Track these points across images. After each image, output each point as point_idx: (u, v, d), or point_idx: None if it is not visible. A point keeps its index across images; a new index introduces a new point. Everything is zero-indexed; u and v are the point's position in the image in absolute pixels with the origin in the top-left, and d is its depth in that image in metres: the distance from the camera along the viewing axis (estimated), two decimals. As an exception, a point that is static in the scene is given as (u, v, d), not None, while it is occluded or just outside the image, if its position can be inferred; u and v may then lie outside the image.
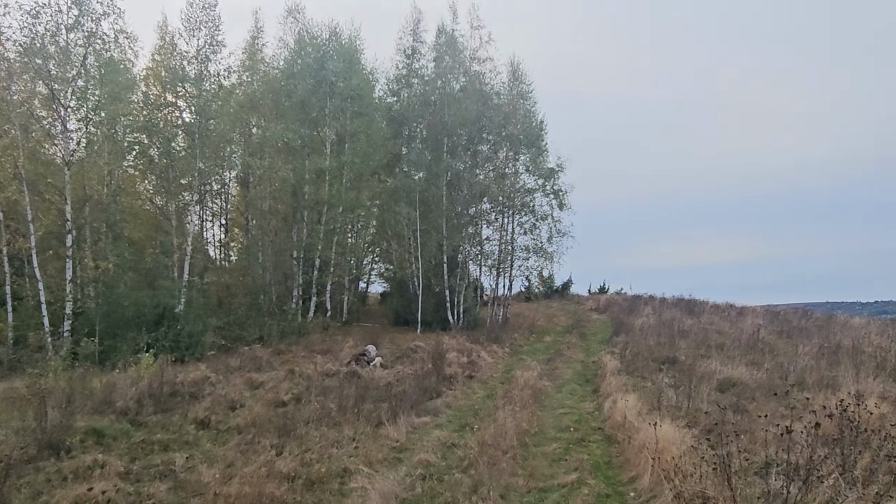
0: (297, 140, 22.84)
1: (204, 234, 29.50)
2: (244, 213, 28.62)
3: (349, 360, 16.01)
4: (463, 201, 25.32)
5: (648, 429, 8.08)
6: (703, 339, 17.73)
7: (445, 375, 14.20)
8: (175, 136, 20.83)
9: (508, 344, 20.29)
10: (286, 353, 18.95)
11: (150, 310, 17.92)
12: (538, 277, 34.63)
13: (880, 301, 72.38)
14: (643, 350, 16.11)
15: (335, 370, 14.86)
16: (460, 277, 25.30)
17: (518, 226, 26.70)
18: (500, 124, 25.74)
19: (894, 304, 71.12)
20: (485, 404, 11.97)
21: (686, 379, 13.38)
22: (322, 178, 23.57)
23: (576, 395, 12.71)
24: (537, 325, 24.77)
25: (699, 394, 11.62)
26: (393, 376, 14.40)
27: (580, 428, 9.88)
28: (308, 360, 17.06)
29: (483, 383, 14.38)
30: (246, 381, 13.97)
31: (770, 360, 14.76)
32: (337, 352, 18.60)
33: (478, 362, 16.27)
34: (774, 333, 19.09)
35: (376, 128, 24.81)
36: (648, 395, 11.60)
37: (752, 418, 9.80)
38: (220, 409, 11.00)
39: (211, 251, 30.00)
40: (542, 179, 26.15)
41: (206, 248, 28.95)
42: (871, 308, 66.63)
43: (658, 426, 6.90)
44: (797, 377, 12.93)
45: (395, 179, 25.80)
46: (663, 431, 6.99)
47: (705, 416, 9.88)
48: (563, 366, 16.19)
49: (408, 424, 10.01)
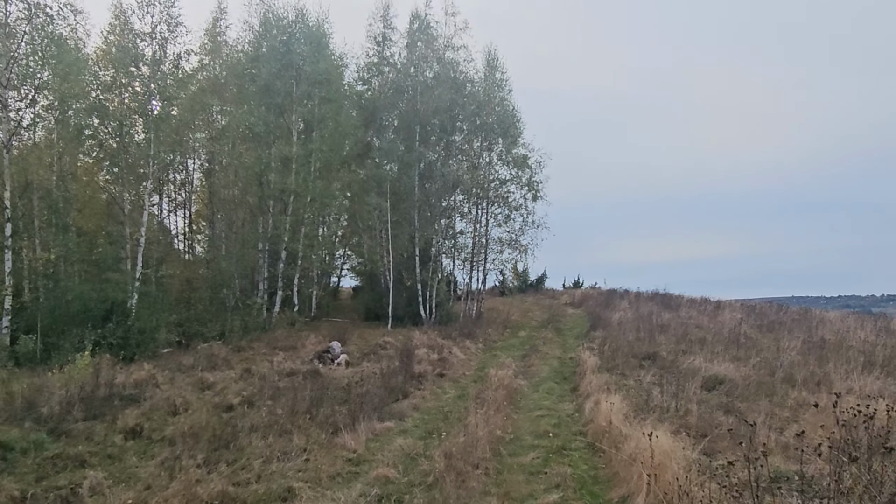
0: (261, 125, 21.36)
1: (170, 225, 27.87)
2: (208, 203, 27.06)
3: (311, 358, 14.73)
4: (436, 192, 24.11)
5: (637, 436, 6.99)
6: (683, 334, 16.81)
7: (414, 374, 13.01)
8: (128, 119, 19.21)
9: (482, 339, 19.17)
10: (247, 350, 17.58)
11: (98, 304, 16.40)
12: (512, 271, 33.65)
13: (843, 295, 73.35)
14: (622, 346, 15.11)
15: (295, 369, 13.56)
16: (433, 271, 24.11)
17: (492, 217, 25.60)
18: (474, 113, 24.58)
19: (857, 298, 72.19)
20: (456, 406, 10.80)
21: (669, 376, 12.42)
22: (288, 166, 22.15)
23: (553, 395, 11.62)
24: (512, 319, 23.70)
25: (685, 393, 10.62)
26: (357, 375, 13.15)
27: (560, 433, 8.77)
28: (269, 358, 15.74)
29: (454, 382, 13.21)
30: (195, 382, 12.63)
31: (754, 355, 13.86)
32: (301, 349, 17.29)
33: (449, 359, 15.10)
34: (754, 328, 18.28)
35: (345, 115, 23.46)
36: (632, 396, 10.57)
37: (747, 420, 8.81)
38: (158, 415, 9.65)
39: (177, 244, 28.40)
40: (517, 169, 25.05)
41: (172, 240, 27.30)
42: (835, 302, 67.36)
43: (653, 436, 5.79)
44: (785, 373, 12.02)
45: (366, 170, 24.48)
46: (659, 442, 5.88)
47: (697, 420, 8.86)
48: (540, 362, 15.11)
49: (368, 431, 8.79)
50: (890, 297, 71.32)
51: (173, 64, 19.79)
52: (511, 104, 25.10)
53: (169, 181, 27.62)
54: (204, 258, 26.60)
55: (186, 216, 29.36)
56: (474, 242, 25.56)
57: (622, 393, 10.42)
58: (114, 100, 19.35)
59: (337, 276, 35.77)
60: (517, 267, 32.88)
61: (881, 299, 70.51)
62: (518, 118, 24.84)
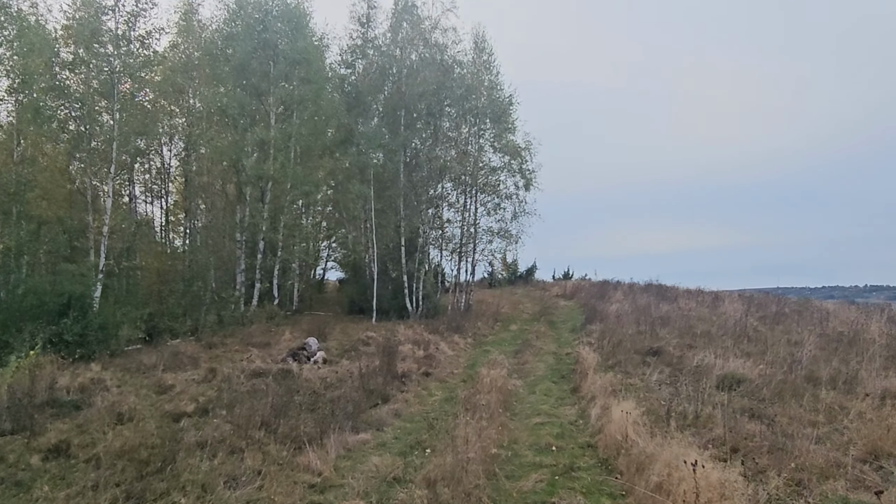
0: (235, 107, 19.67)
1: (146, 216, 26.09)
2: (183, 191, 25.33)
3: (285, 356, 13.19)
4: (422, 180, 22.56)
5: (666, 457, 5.57)
6: (686, 327, 15.46)
7: (397, 373, 11.52)
8: (90, 100, 17.47)
9: (471, 334, 17.71)
10: (219, 347, 15.99)
11: (53, 298, 14.73)
12: (502, 263, 32.23)
13: (827, 286, 72.70)
14: (622, 340, 13.70)
15: (265, 369, 12.00)
16: (419, 262, 22.61)
17: (481, 205, 24.10)
18: (462, 97, 23.01)
19: (841, 288, 71.46)
20: (443, 411, 9.33)
21: (679, 375, 11.04)
22: (266, 151, 20.51)
23: (552, 397, 10.19)
24: (502, 312, 22.26)
25: (699, 394, 9.24)
26: (334, 375, 11.64)
27: (565, 446, 7.32)
28: (241, 356, 14.20)
29: (442, 382, 11.74)
30: (153, 385, 11.08)
31: (766, 350, 12.51)
32: (276, 345, 15.74)
33: (436, 356, 13.63)
34: (757, 320, 16.96)
35: (326, 97, 21.82)
36: (641, 398, 9.16)
37: (782, 430, 7.42)
38: (95, 427, 8.07)
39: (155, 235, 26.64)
40: (509, 157, 23.55)
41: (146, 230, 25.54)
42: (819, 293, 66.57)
43: (699, 466, 4.35)
44: (806, 371, 10.66)
45: (349, 157, 22.88)
46: (705, 474, 4.43)
47: (724, 429, 7.45)
48: (534, 359, 13.68)
49: (340, 445, 7.30)
50: (874, 288, 70.70)
51: (140, 41, 18.06)
52: (503, 88, 23.60)
53: (145, 170, 25.96)
54: (178, 249, 24.95)
55: (163, 207, 27.65)
56: (463, 232, 24.07)
57: (631, 396, 9.01)
58: (75, 78, 17.63)
59: (322, 269, 34.26)
60: (506, 258, 31.49)
61: (864, 289, 69.92)
62: (510, 102, 23.31)
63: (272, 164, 20.13)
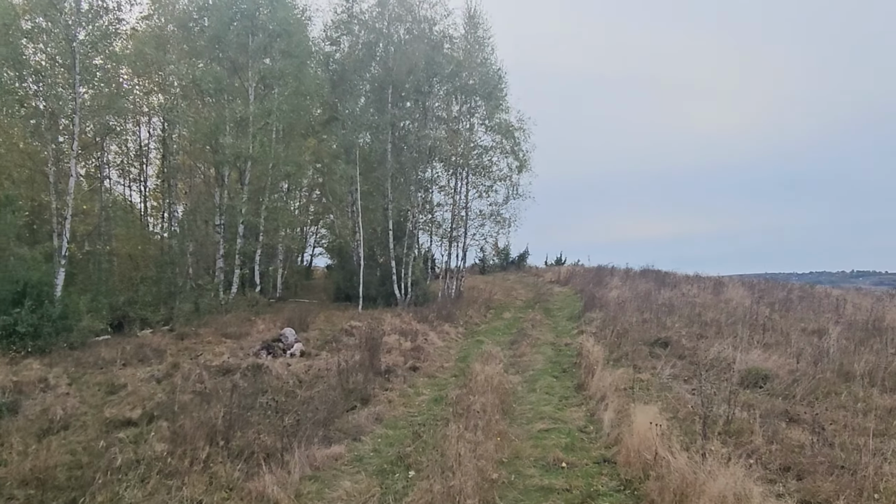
0: (210, 81, 18.04)
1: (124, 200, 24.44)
2: (160, 173, 23.73)
3: (258, 349, 11.77)
4: (410, 160, 21.07)
5: (716, 490, 4.25)
6: (692, 315, 14.19)
7: (380, 369, 10.14)
8: (49, 72, 15.82)
9: (463, 322, 16.36)
10: (191, 337, 14.52)
11: (6, 286, 13.21)
12: (493, 248, 30.85)
13: (815, 272, 72.12)
14: (627, 329, 12.40)
15: (233, 364, 10.59)
16: (408, 247, 21.18)
17: (472, 188, 22.66)
18: (453, 73, 21.47)
19: (828, 273, 70.96)
20: (431, 415, 7.98)
21: (693, 368, 9.76)
22: (244, 128, 18.92)
23: (555, 396, 8.86)
24: (494, 299, 20.94)
25: (723, 393, 7.96)
26: (311, 371, 10.26)
27: (577, 463, 6.00)
28: (214, 347, 12.80)
29: (431, 378, 10.38)
30: (105, 383, 9.64)
31: (785, 341, 11.24)
32: (253, 336, 14.34)
33: (425, 348, 12.26)
34: (765, 306, 15.72)
35: (308, 73, 20.21)
36: (657, 396, 7.86)
37: (832, 438, 6.15)
38: (17, 439, 6.65)
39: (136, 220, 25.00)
40: (500, 136, 22.10)
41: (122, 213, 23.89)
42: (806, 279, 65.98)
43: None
44: (835, 364, 9.40)
45: (333, 135, 21.34)
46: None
47: (764, 439, 6.16)
48: (531, 350, 12.36)
49: (306, 463, 5.93)
50: (860, 273, 70.26)
51: (104, 11, 16.39)
52: (494, 65, 22.07)
53: (121, 151, 24.34)
54: (155, 234, 23.40)
55: (141, 190, 26.01)
56: (453, 216, 22.63)
57: (652, 398, 7.71)
58: (34, 48, 15.99)
59: (310, 255, 32.74)
60: (498, 244, 30.11)
61: (851, 275, 69.37)
62: (502, 79, 21.80)
63: (251, 143, 18.57)
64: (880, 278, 66.93)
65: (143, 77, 21.36)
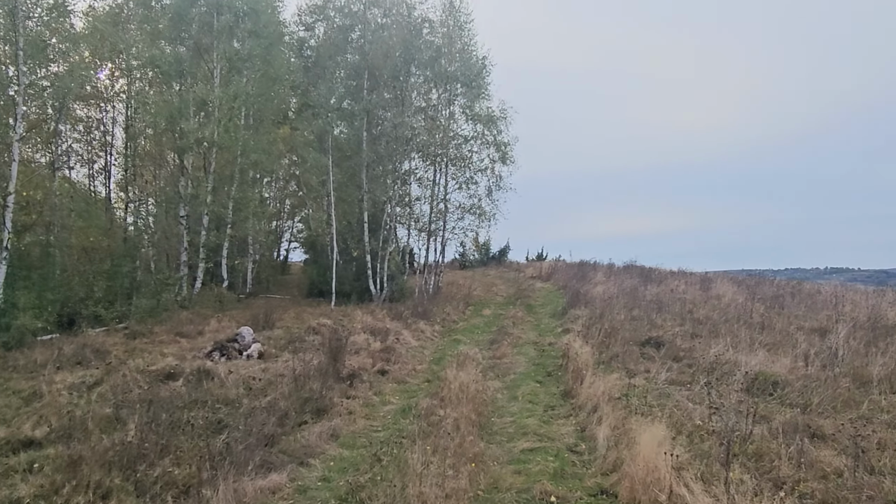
0: (170, 62, 16.57)
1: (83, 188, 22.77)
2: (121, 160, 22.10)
3: (210, 350, 10.43)
4: (387, 149, 19.75)
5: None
6: (682, 312, 13.14)
7: (343, 374, 8.88)
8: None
9: (440, 320, 15.15)
10: (145, 336, 13.15)
11: (-69, 280, 11.74)
12: (473, 243, 29.68)
13: (790, 268, 72.19)
14: (616, 328, 11.27)
15: (181, 368, 9.24)
16: (384, 240, 19.89)
17: (452, 179, 21.41)
18: (432, 59, 20.19)
19: (802, 270, 70.99)
20: (396, 429, 6.76)
21: (690, 371, 8.67)
22: (209, 113, 17.46)
23: (539, 405, 7.69)
24: (474, 295, 19.75)
25: (728, 400, 6.88)
26: (266, 375, 8.95)
27: (568, 497, 4.81)
28: (164, 348, 11.45)
29: (401, 383, 9.15)
30: (25, 391, 8.26)
31: (787, 341, 10.21)
32: (211, 334, 12.99)
33: (397, 349, 11.00)
34: (759, 303, 14.74)
35: (279, 55, 18.78)
36: (653, 404, 6.72)
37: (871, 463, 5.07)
38: None
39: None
40: (482, 126, 20.88)
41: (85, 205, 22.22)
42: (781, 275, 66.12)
43: None
44: (847, 369, 8.37)
45: (305, 122, 19.96)
46: None
47: (793, 466, 5.04)
48: (512, 351, 11.19)
49: (232, 499, 4.66)
50: (833, 270, 70.37)
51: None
52: (476, 50, 20.82)
53: (83, 139, 22.66)
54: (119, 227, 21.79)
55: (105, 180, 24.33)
56: (432, 208, 21.37)
57: (651, 408, 6.57)
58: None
59: (286, 249, 31.25)
60: (479, 238, 28.93)
61: (825, 271, 69.45)
62: (485, 66, 20.54)
63: (216, 128, 17.12)
64: (853, 275, 67.18)
65: (104, 59, 19.76)
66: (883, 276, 66.11)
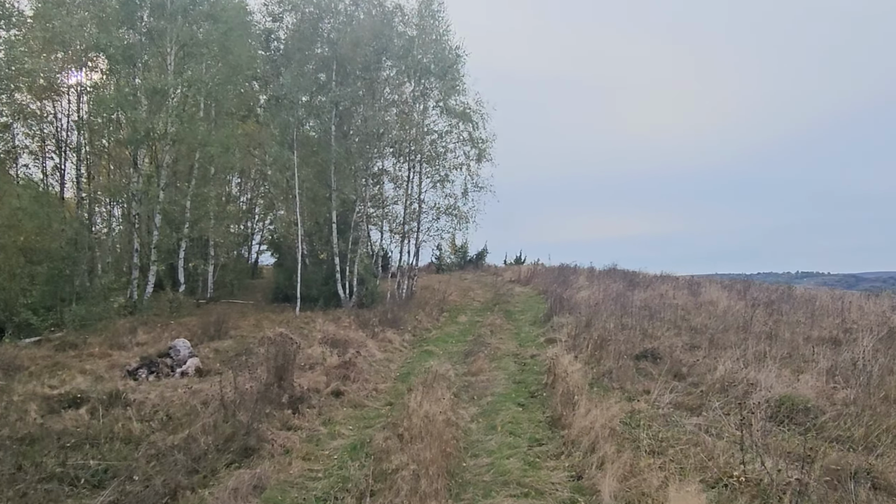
0: (116, 47, 14.78)
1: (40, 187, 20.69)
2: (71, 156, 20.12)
3: (135, 367, 8.71)
4: (357, 144, 18.13)
5: None
6: (676, 320, 11.77)
7: (287, 397, 7.25)
8: None
9: (411, 328, 13.57)
10: (76, 348, 11.37)
11: None
12: (450, 246, 28.16)
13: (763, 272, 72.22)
14: (606, 339, 9.82)
15: (90, 390, 7.51)
16: (354, 241, 18.25)
17: (426, 177, 19.86)
18: (405, 49, 18.65)
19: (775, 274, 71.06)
20: (341, 476, 5.17)
21: (696, 391, 7.25)
22: (160, 102, 15.67)
23: (522, 438, 6.16)
24: (449, 300, 18.20)
25: (753, 431, 5.46)
26: (193, 400, 7.28)
27: None
28: (86, 364, 9.71)
29: (357, 408, 7.55)
30: None
31: (794, 353, 8.87)
32: (154, 344, 11.25)
33: (358, 364, 9.38)
34: (757, 310, 13.43)
35: (239, 42, 17.06)
36: (675, 447, 5.24)
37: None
38: None
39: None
40: (458, 120, 19.38)
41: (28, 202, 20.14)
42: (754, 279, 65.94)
43: None
44: (879, 388, 7.01)
45: (268, 112, 18.27)
46: None
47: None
48: (490, 365, 9.66)
49: None
50: (804, 274, 70.75)
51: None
52: (450, 40, 19.33)
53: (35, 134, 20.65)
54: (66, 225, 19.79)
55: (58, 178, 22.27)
56: (405, 208, 19.80)
57: (662, 442, 5.10)
58: None
59: (257, 252, 29.28)
60: (456, 241, 27.43)
61: (796, 275, 69.67)
62: (460, 57, 19.06)
63: (168, 119, 15.35)
64: (824, 279, 67.33)
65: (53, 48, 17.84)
66: (852, 279, 66.42)
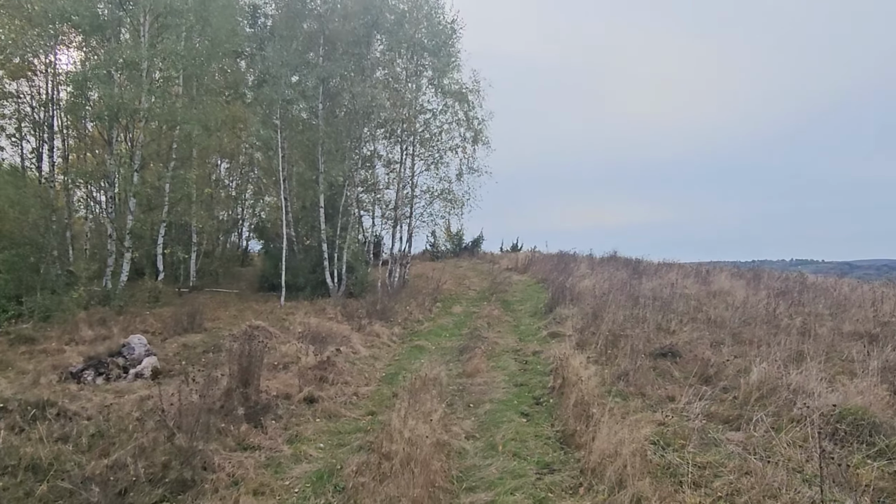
0: (84, 14, 13.37)
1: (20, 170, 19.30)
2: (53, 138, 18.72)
3: (81, 369, 7.46)
4: (345, 123, 16.77)
5: None
6: (692, 312, 10.58)
7: (247, 408, 6.02)
8: None
9: (401, 319, 12.35)
10: (34, 343, 10.12)
11: None
12: (445, 232, 26.84)
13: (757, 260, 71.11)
14: (618, 334, 8.61)
15: (16, 397, 6.26)
16: (343, 227, 16.96)
17: (420, 159, 18.53)
18: (396, 24, 17.23)
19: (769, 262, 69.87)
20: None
21: (728, 397, 6.07)
22: (131, 76, 14.29)
23: (530, 462, 4.95)
24: (444, 289, 16.97)
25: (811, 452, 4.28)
26: (137, 412, 6.05)
27: None
28: (40, 360, 8.47)
29: (332, 419, 6.32)
30: None
31: (830, 350, 7.70)
32: (116, 338, 9.99)
33: (338, 363, 8.14)
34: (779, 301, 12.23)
35: (219, 12, 15.60)
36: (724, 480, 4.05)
37: None
38: None
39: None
40: (452, 99, 18.03)
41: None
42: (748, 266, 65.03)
43: None
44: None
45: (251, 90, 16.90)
46: None
47: None
48: (487, 365, 8.45)
49: None
50: (799, 262, 69.61)
51: None
52: (444, 13, 17.90)
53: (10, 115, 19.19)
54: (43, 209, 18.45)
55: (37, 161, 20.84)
56: (398, 192, 18.49)
57: (704, 470, 3.91)
58: None
59: (247, 238, 27.91)
60: (451, 227, 26.11)
61: (791, 263, 68.49)
62: (454, 31, 17.65)
63: (142, 94, 13.97)
64: (818, 266, 66.40)
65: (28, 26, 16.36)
66: (846, 267, 65.46)
